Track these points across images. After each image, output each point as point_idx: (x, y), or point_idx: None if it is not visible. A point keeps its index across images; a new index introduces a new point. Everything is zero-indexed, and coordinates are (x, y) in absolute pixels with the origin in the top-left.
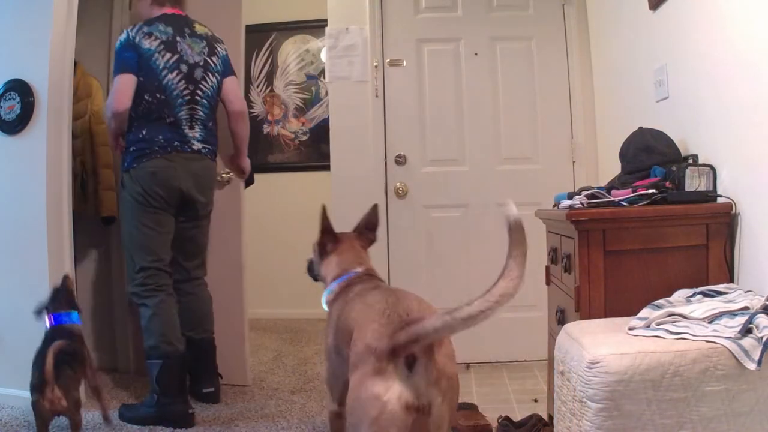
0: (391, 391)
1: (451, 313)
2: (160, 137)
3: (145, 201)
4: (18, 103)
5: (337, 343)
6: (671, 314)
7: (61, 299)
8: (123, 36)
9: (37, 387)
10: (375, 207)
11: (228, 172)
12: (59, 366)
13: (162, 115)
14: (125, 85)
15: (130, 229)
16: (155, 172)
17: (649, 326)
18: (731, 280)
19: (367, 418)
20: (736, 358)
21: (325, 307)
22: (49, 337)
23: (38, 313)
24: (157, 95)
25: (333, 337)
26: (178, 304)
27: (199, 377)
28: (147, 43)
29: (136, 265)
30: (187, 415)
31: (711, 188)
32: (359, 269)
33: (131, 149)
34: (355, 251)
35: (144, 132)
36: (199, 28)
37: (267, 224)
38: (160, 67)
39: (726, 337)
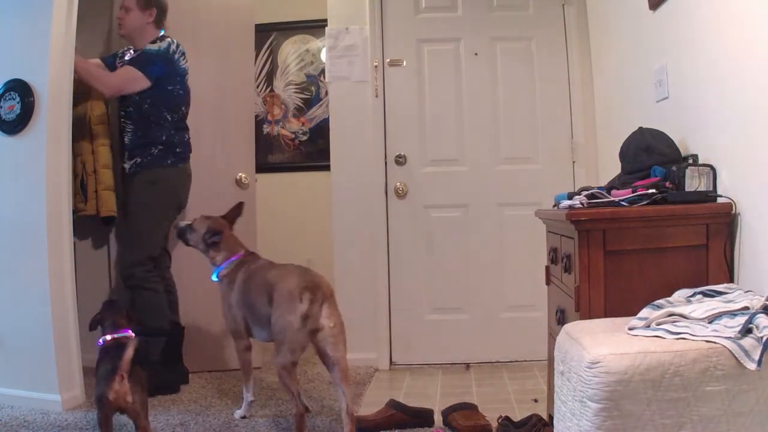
0: (301, 322)
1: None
2: (191, 144)
3: (175, 199)
4: (18, 103)
5: (245, 298)
6: (671, 314)
7: (117, 315)
8: (164, 45)
9: (105, 378)
10: (241, 204)
11: (246, 176)
12: (133, 362)
13: (186, 126)
14: (134, 81)
15: (151, 221)
16: (190, 174)
17: (649, 326)
18: (731, 280)
19: (287, 338)
20: (736, 358)
21: (215, 278)
22: (112, 347)
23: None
24: (187, 110)
25: (240, 295)
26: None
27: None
28: (183, 63)
29: (148, 253)
30: (186, 374)
31: (711, 188)
32: (242, 251)
33: (177, 150)
34: (234, 238)
35: (187, 137)
36: None
37: (266, 224)
38: (190, 88)
39: (726, 337)
